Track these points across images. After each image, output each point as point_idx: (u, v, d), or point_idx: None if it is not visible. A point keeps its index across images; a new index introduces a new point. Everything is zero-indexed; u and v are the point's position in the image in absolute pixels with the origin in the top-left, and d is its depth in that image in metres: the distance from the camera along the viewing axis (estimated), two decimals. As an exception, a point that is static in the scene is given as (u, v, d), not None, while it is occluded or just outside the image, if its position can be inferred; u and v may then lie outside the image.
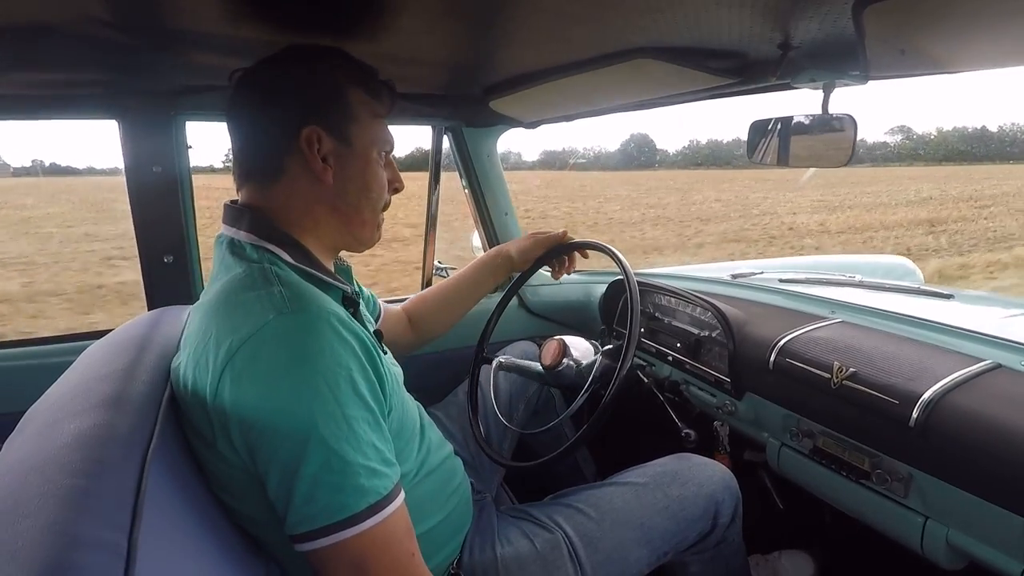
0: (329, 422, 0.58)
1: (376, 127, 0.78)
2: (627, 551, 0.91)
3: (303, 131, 0.71)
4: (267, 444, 0.58)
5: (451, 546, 0.85)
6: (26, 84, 1.07)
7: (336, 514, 0.58)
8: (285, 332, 0.60)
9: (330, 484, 0.58)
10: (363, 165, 0.77)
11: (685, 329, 1.32)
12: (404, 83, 1.23)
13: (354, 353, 0.62)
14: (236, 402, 0.58)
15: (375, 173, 0.78)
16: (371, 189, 0.78)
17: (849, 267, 1.91)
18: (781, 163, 1.00)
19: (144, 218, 1.21)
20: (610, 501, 0.95)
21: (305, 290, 0.66)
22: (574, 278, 1.82)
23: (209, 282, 0.73)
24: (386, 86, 0.80)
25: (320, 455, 0.57)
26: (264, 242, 0.71)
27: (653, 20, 0.73)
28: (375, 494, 0.60)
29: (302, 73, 0.73)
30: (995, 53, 0.66)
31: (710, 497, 0.98)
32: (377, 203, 0.80)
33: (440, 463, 0.86)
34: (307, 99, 0.73)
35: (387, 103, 0.80)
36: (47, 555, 0.38)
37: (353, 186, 0.76)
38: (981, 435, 0.75)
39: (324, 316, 0.62)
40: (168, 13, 0.73)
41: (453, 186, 1.71)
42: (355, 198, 0.77)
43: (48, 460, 0.48)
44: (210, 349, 0.61)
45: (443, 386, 1.27)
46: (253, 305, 0.62)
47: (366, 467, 0.59)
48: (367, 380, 0.63)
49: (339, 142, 0.74)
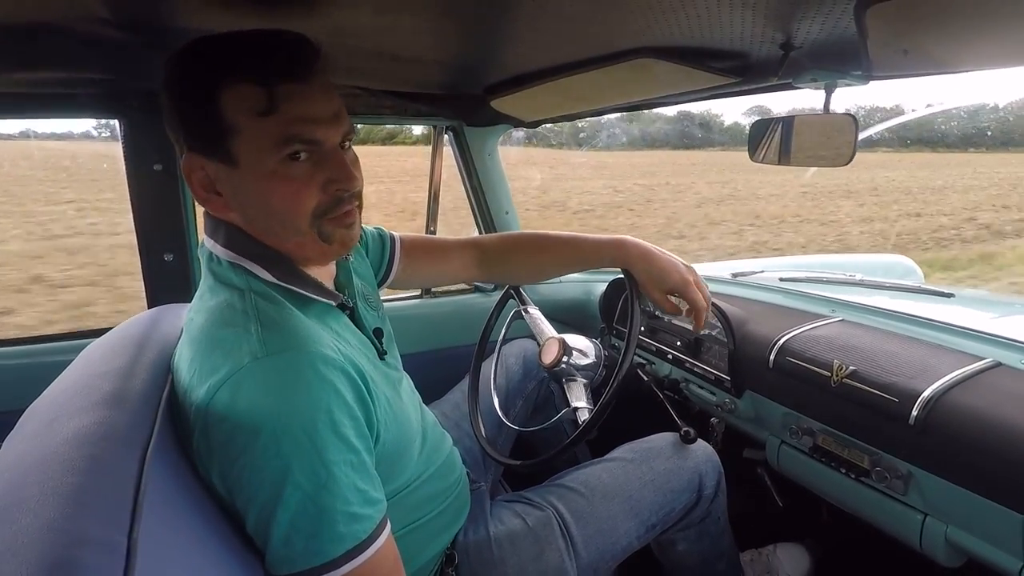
0: (306, 468, 0.56)
1: (266, 128, 0.59)
2: (616, 523, 0.93)
3: (182, 161, 0.63)
4: (244, 485, 0.57)
5: (448, 533, 0.87)
6: (27, 83, 1.07)
7: (313, 559, 0.57)
8: (260, 377, 0.57)
9: (307, 530, 0.56)
10: (257, 184, 0.61)
11: (685, 327, 1.32)
12: (405, 82, 1.24)
13: (335, 391, 0.58)
14: (216, 443, 0.57)
15: (275, 188, 0.61)
16: (273, 207, 0.63)
17: (849, 266, 1.91)
18: (782, 162, 1.00)
19: (145, 216, 1.22)
20: (599, 477, 0.98)
21: (284, 325, 0.61)
22: (574, 276, 1.82)
23: (197, 294, 0.70)
24: (282, 55, 0.59)
25: (296, 501, 0.56)
26: (242, 259, 0.66)
27: (655, 20, 0.72)
28: (353, 539, 0.58)
29: (170, 84, 0.61)
30: (999, 53, 0.66)
31: (694, 470, 1.01)
32: (294, 221, 0.64)
33: (441, 461, 0.86)
34: (177, 120, 0.62)
35: (273, 85, 0.58)
36: (47, 553, 0.38)
37: (254, 211, 0.64)
38: (981, 433, 0.76)
39: (303, 358, 0.58)
40: (169, 11, 0.73)
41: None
42: (264, 223, 0.65)
43: (48, 458, 0.48)
44: (194, 385, 0.59)
45: (443, 383, 1.27)
46: (230, 346, 0.59)
47: (345, 512, 0.58)
48: (351, 417, 0.60)
49: (223, 163, 0.61)
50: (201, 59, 0.60)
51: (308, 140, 0.61)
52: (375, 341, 0.78)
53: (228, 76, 0.59)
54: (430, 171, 1.63)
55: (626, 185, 17.36)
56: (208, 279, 0.68)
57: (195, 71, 0.60)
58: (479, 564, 0.88)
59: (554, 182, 17.24)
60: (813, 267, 1.74)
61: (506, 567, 0.87)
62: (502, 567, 0.87)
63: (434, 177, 1.63)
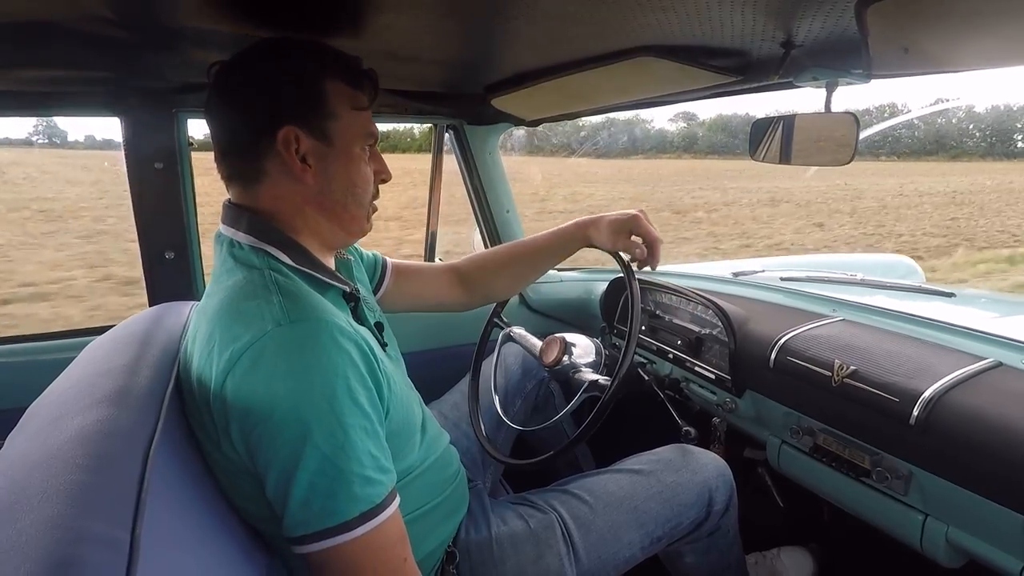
0: (325, 430, 0.59)
1: (358, 120, 0.75)
2: (620, 533, 0.93)
3: (279, 132, 0.69)
4: (265, 447, 0.59)
5: (447, 528, 0.87)
6: (28, 81, 1.07)
7: (329, 520, 0.59)
8: (283, 342, 0.60)
9: (324, 490, 0.59)
10: (345, 162, 0.74)
11: (686, 327, 1.32)
12: (405, 81, 1.24)
13: (351, 362, 0.62)
14: (236, 407, 0.59)
15: (359, 168, 0.76)
16: (356, 185, 0.76)
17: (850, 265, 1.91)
18: (783, 161, 1.00)
19: (146, 214, 1.22)
20: (604, 486, 0.97)
21: (304, 298, 0.66)
22: (575, 276, 1.82)
23: (211, 281, 0.73)
24: (367, 76, 0.76)
25: (315, 461, 0.58)
26: (264, 244, 0.71)
27: (655, 18, 0.72)
28: (367, 502, 0.61)
29: (276, 69, 0.70)
30: (999, 52, 0.66)
31: (704, 484, 0.99)
32: (363, 198, 0.78)
33: (439, 454, 0.87)
34: (282, 97, 0.70)
35: (369, 94, 0.77)
36: (50, 550, 0.38)
37: (337, 184, 0.74)
38: (982, 433, 0.76)
39: (322, 326, 0.62)
40: (169, 10, 0.73)
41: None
42: (341, 195, 0.75)
43: (51, 456, 0.48)
44: (214, 356, 0.62)
45: (443, 382, 1.28)
46: (252, 315, 0.62)
47: (360, 475, 0.60)
48: (365, 388, 0.63)
49: (319, 140, 0.72)
50: (309, 55, 0.72)
51: (374, 134, 0.78)
52: (377, 333, 0.81)
53: (335, 74, 0.72)
54: (431, 171, 1.63)
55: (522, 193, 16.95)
56: (227, 262, 0.71)
57: (306, 62, 0.71)
58: (479, 563, 0.88)
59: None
60: (814, 267, 1.74)
61: (506, 567, 0.88)
62: (502, 567, 0.88)
63: (435, 177, 1.63)
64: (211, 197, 1.05)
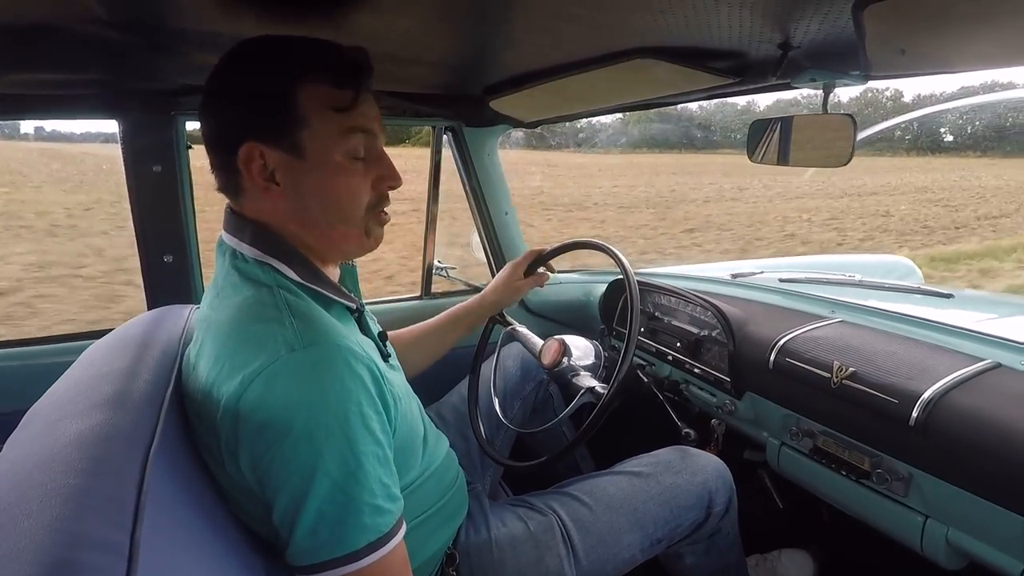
0: (337, 458, 0.57)
1: (337, 125, 0.66)
2: (619, 535, 0.93)
3: (240, 149, 0.64)
4: (275, 473, 0.58)
5: (447, 532, 0.87)
6: (26, 84, 1.07)
7: (337, 549, 0.58)
8: (297, 368, 0.58)
9: (334, 518, 0.58)
10: (321, 176, 0.66)
11: (685, 329, 1.32)
12: (404, 83, 1.24)
13: (364, 386, 0.61)
14: (247, 432, 0.57)
15: (340, 181, 0.67)
16: (339, 199, 0.68)
17: (849, 267, 1.91)
18: (781, 162, 1.00)
19: (144, 218, 1.22)
20: (604, 488, 0.97)
21: (316, 320, 0.64)
22: (574, 277, 1.82)
23: (212, 290, 0.71)
24: (353, 64, 0.66)
25: (326, 489, 0.57)
26: (269, 258, 0.67)
27: (653, 20, 0.73)
28: (376, 531, 0.59)
29: (242, 76, 0.65)
30: (996, 53, 0.66)
31: (703, 486, 0.99)
32: (351, 212, 0.69)
33: (440, 461, 0.87)
34: (246, 109, 0.64)
35: (352, 88, 0.66)
36: (49, 554, 0.38)
37: (314, 201, 0.67)
38: (981, 434, 0.75)
39: (335, 351, 0.61)
40: (168, 12, 0.73)
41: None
42: (320, 213, 0.68)
43: (50, 459, 0.48)
44: (223, 379, 0.60)
45: (442, 384, 1.28)
46: (264, 339, 0.60)
47: (371, 504, 0.59)
48: (376, 413, 0.62)
49: (288, 154, 0.65)
50: (278, 57, 0.65)
51: (367, 130, 0.68)
52: (380, 344, 0.80)
53: (308, 75, 0.64)
54: (430, 172, 1.63)
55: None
56: (232, 275, 0.68)
57: (273, 67, 0.65)
58: (479, 565, 0.88)
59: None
60: (812, 268, 1.75)
61: (505, 569, 0.87)
62: (501, 569, 0.88)
63: (434, 178, 1.63)
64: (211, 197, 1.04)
